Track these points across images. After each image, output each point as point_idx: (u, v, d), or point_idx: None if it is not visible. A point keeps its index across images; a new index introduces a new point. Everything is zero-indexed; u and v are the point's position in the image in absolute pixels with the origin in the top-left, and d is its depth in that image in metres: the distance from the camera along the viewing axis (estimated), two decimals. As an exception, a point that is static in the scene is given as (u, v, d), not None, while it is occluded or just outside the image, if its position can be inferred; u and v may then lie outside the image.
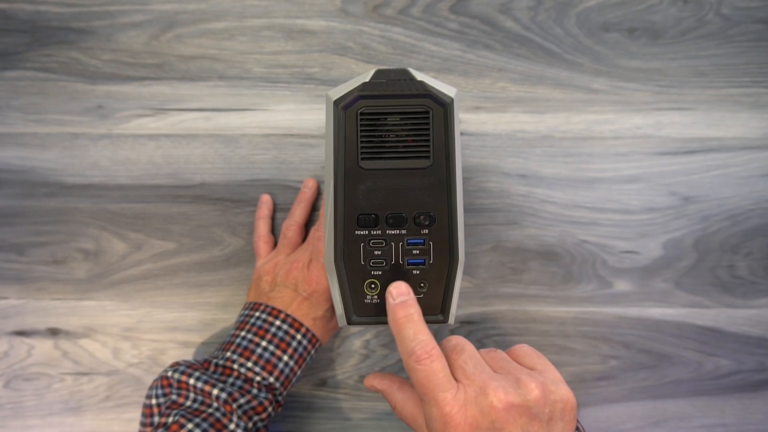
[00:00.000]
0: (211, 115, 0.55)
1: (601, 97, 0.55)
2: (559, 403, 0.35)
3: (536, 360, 0.38)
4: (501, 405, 0.33)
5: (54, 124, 0.55)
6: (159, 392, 0.45)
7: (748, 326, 0.55)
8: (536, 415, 0.34)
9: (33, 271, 0.56)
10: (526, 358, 0.38)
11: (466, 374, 0.35)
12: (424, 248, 0.38)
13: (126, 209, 0.55)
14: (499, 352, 0.38)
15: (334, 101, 0.37)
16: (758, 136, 0.55)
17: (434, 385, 0.34)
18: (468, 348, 0.37)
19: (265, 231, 0.54)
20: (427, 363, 0.34)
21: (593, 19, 0.54)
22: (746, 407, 0.55)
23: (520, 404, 0.34)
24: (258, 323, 0.48)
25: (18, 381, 0.56)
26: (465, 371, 0.35)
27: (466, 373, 0.35)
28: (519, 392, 0.34)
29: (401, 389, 0.40)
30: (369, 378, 0.41)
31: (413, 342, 0.35)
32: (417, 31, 0.55)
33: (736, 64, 0.55)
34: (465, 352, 0.36)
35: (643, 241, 0.55)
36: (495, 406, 0.33)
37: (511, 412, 0.33)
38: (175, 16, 0.55)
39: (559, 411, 0.35)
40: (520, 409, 0.34)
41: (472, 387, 0.34)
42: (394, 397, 0.39)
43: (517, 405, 0.34)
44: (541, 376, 0.36)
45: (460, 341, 0.37)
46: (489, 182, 0.55)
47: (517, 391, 0.34)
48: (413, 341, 0.35)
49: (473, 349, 0.37)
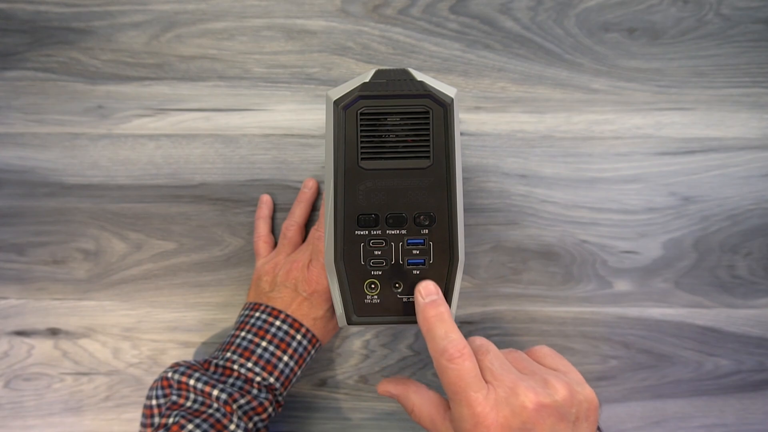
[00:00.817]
0: (211, 115, 0.55)
1: (601, 97, 0.55)
2: (584, 403, 0.35)
3: (557, 361, 0.38)
4: (532, 405, 0.33)
5: (54, 124, 0.55)
6: (159, 393, 0.45)
7: (748, 326, 0.55)
8: (564, 415, 0.34)
9: (33, 271, 0.56)
10: (547, 359, 0.38)
11: (494, 375, 0.35)
12: (424, 248, 0.38)
13: (126, 209, 0.55)
14: (519, 353, 0.39)
15: (334, 101, 0.37)
16: (758, 136, 0.55)
17: (466, 384, 0.34)
18: (492, 348, 0.37)
19: (265, 231, 0.54)
20: (460, 362, 0.34)
21: (593, 19, 0.54)
22: (746, 407, 0.55)
23: (549, 404, 0.34)
24: (258, 323, 0.48)
25: (18, 381, 0.56)
26: (493, 372, 0.35)
27: (494, 374, 0.35)
28: (548, 392, 0.34)
29: (417, 392, 0.39)
30: (382, 384, 0.41)
31: (445, 340, 0.35)
32: (417, 31, 0.55)
33: (736, 64, 0.55)
34: (490, 353, 0.36)
35: (643, 241, 0.55)
36: (526, 406, 0.33)
37: (541, 412, 0.34)
38: (175, 16, 0.55)
39: (584, 411, 0.35)
40: (550, 410, 0.34)
41: (502, 387, 0.34)
42: (411, 401, 0.39)
43: (547, 405, 0.34)
44: (565, 377, 0.36)
45: (484, 342, 0.37)
46: (489, 182, 0.55)
47: (546, 392, 0.34)
48: (445, 339, 0.35)
49: (497, 350, 0.37)
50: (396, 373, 0.55)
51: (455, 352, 0.34)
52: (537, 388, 0.34)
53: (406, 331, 0.55)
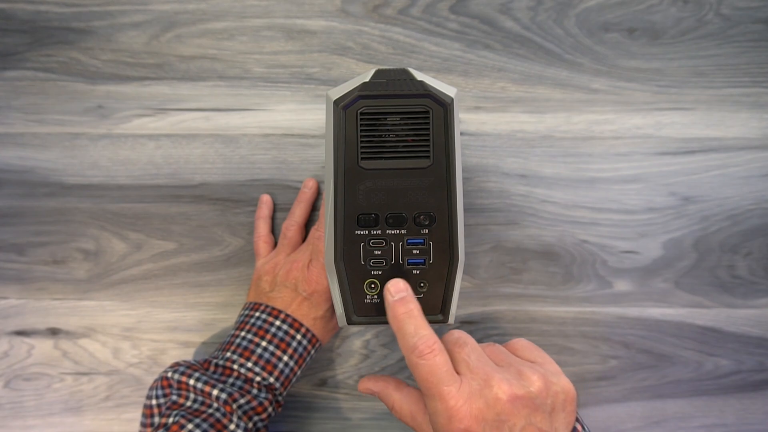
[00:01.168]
0: (211, 115, 0.55)
1: (601, 97, 0.55)
2: (560, 394, 0.35)
3: (535, 353, 0.38)
4: (506, 397, 0.34)
5: (54, 124, 0.55)
6: (159, 393, 0.45)
7: (748, 326, 0.55)
8: (539, 406, 0.34)
9: (33, 271, 0.56)
10: (525, 352, 0.39)
11: (469, 367, 0.35)
12: (424, 248, 0.38)
13: (126, 209, 0.55)
14: (497, 346, 0.39)
15: (334, 101, 0.37)
16: (758, 136, 0.55)
17: (438, 379, 0.34)
18: (470, 341, 0.37)
19: (265, 231, 0.54)
20: (430, 357, 0.34)
21: (593, 19, 0.54)
22: (746, 407, 0.55)
23: (523, 396, 0.34)
24: (258, 323, 0.48)
25: (18, 381, 0.56)
26: (468, 364, 0.35)
27: (469, 366, 0.35)
28: (522, 384, 0.34)
29: (398, 389, 0.40)
30: (363, 381, 0.41)
31: (415, 337, 0.35)
32: (417, 31, 0.55)
33: (736, 64, 0.55)
34: (467, 346, 0.36)
35: (643, 241, 0.55)
36: (500, 398, 0.33)
37: (515, 403, 0.34)
38: (175, 16, 0.55)
39: (560, 402, 0.35)
40: (524, 401, 0.34)
41: (476, 380, 0.34)
42: (391, 398, 0.39)
43: (521, 397, 0.34)
44: (541, 368, 0.36)
45: (461, 335, 0.37)
46: (489, 182, 0.55)
47: (520, 383, 0.34)
48: (414, 336, 0.35)
49: (474, 343, 0.37)
50: (396, 373, 0.55)
51: (425, 348, 0.35)
52: (511, 380, 0.34)
53: (406, 331, 0.55)
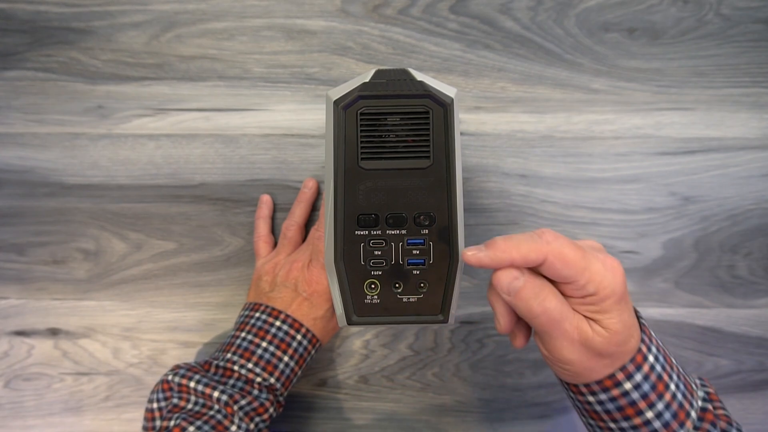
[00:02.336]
0: (211, 115, 0.55)
1: (601, 97, 0.55)
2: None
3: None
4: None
5: (54, 124, 0.55)
6: (160, 396, 0.45)
7: (748, 326, 0.55)
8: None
9: (33, 271, 0.56)
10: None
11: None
12: (424, 248, 0.38)
13: (126, 209, 0.55)
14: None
15: (334, 101, 0.37)
16: (758, 136, 0.55)
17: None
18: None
19: (265, 231, 0.54)
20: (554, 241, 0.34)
21: (593, 19, 0.54)
22: (746, 407, 0.55)
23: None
24: (258, 324, 0.48)
25: (18, 381, 0.56)
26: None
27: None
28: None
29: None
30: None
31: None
32: (417, 31, 0.55)
33: (736, 64, 0.55)
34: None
35: (643, 241, 0.55)
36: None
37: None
38: (175, 16, 0.55)
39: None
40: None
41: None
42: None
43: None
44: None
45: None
46: (489, 182, 0.55)
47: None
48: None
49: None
50: (396, 373, 0.55)
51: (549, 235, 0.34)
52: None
53: (406, 331, 0.55)
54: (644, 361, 0.35)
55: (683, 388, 0.37)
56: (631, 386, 0.35)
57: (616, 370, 0.35)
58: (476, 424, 0.55)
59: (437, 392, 0.55)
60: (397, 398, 0.55)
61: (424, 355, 0.55)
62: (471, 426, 0.55)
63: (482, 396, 0.55)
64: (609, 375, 0.35)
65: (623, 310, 0.34)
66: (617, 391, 0.35)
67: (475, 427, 0.55)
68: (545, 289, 0.34)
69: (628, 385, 0.35)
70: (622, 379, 0.35)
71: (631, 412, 0.36)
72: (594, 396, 0.36)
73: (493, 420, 0.55)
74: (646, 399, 0.35)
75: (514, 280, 0.34)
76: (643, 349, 0.35)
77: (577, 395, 0.38)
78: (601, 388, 0.36)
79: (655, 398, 0.35)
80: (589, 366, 0.35)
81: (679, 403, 0.36)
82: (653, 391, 0.35)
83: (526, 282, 0.34)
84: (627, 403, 0.36)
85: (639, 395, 0.35)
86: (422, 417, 0.55)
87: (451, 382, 0.55)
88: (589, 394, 0.37)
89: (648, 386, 0.35)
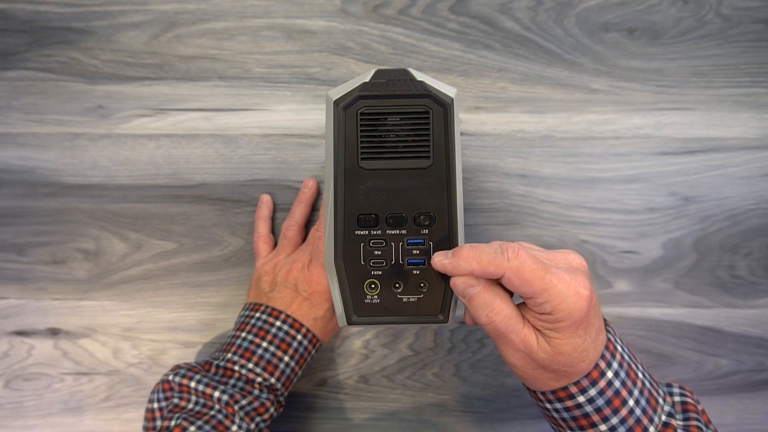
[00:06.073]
0: (211, 115, 0.55)
1: (601, 97, 0.55)
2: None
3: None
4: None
5: (54, 124, 0.55)
6: (160, 396, 0.45)
7: (748, 326, 0.55)
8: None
9: (33, 271, 0.56)
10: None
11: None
12: (424, 248, 0.38)
13: (126, 209, 0.55)
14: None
15: (334, 101, 0.37)
16: (758, 136, 0.55)
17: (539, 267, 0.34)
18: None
19: (265, 231, 0.54)
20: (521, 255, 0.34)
21: (593, 19, 0.54)
22: (746, 407, 0.55)
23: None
24: (258, 324, 0.48)
25: (18, 381, 0.56)
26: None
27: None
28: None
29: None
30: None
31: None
32: (417, 31, 0.55)
33: (736, 64, 0.55)
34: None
35: (643, 241, 0.55)
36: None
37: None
38: (175, 16, 0.55)
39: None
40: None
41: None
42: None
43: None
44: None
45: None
46: (489, 182, 0.55)
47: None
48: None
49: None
50: (396, 373, 0.55)
51: (511, 252, 0.34)
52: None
53: (406, 331, 0.55)
54: (601, 377, 0.36)
55: (644, 403, 0.37)
56: (584, 399, 0.36)
57: (570, 384, 0.36)
58: (476, 424, 0.55)
59: (437, 392, 0.55)
60: (397, 398, 0.55)
61: (424, 355, 0.55)
62: (471, 426, 0.55)
63: (482, 396, 0.55)
64: (562, 387, 0.36)
65: (577, 335, 0.34)
66: (570, 402, 0.36)
67: (475, 427, 0.56)
68: (497, 300, 0.35)
69: (581, 398, 0.36)
70: (575, 392, 0.36)
71: (585, 423, 0.36)
72: (550, 404, 0.37)
73: (493, 420, 0.55)
74: (599, 413, 0.36)
75: (469, 287, 0.35)
76: (602, 365, 0.36)
77: (537, 400, 0.39)
78: (555, 397, 0.37)
79: (609, 413, 0.36)
80: (534, 375, 0.36)
81: (637, 418, 0.36)
82: (608, 406, 0.36)
83: (480, 292, 0.35)
84: (581, 414, 0.36)
85: (593, 408, 0.36)
86: (422, 417, 0.55)
87: (451, 382, 0.55)
88: (546, 401, 0.37)
89: (603, 401, 0.36)
